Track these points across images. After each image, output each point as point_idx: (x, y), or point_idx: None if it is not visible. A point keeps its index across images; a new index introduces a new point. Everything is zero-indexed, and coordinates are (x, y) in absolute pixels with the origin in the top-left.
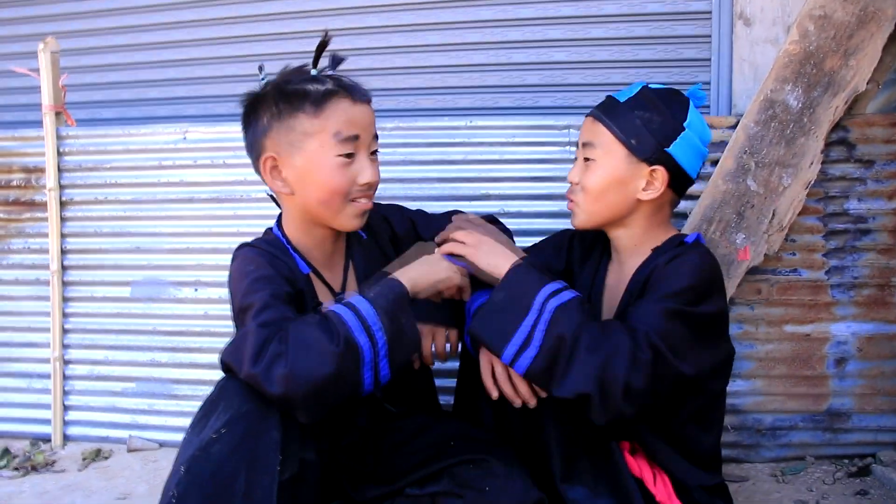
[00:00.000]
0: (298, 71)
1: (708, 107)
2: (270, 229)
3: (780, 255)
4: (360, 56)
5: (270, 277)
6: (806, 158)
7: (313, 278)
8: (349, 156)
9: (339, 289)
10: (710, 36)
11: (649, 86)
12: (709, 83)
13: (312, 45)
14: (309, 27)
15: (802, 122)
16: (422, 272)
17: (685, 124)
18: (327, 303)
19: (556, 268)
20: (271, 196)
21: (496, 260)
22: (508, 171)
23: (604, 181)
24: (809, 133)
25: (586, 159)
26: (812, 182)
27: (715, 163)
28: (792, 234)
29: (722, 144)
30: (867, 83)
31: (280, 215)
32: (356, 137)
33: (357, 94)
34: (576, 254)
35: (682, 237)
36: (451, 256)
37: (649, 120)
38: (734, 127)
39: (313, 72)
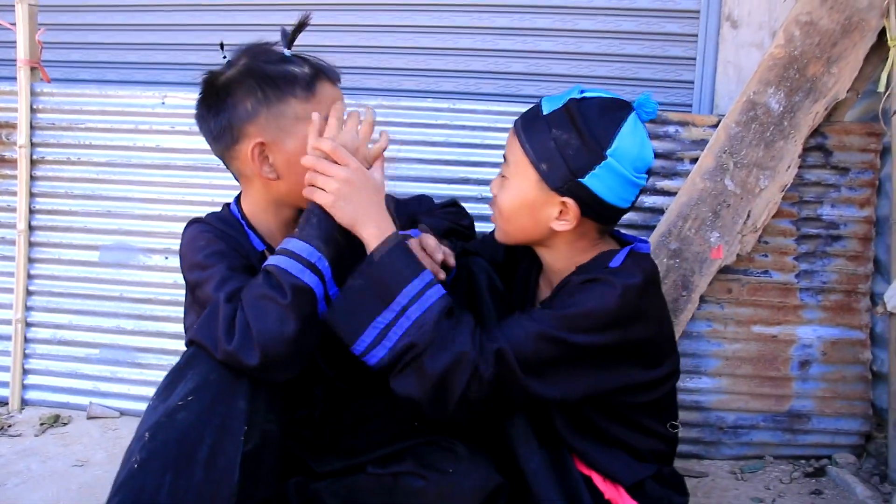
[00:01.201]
0: (267, 51)
1: (690, 105)
2: (228, 205)
3: (752, 255)
4: (345, 33)
5: (223, 251)
6: (784, 162)
7: (268, 256)
8: None
9: None
10: (696, 35)
11: (583, 94)
12: (692, 82)
13: (297, 18)
14: (295, 0)
15: (783, 125)
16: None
17: (608, 152)
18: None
19: (498, 259)
20: (235, 176)
21: (363, 219)
22: (489, 157)
23: (514, 203)
24: (789, 137)
25: (503, 175)
26: (788, 185)
27: (694, 160)
28: (765, 235)
29: (702, 143)
30: (847, 91)
31: (240, 193)
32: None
33: (334, 76)
34: (520, 248)
35: (611, 256)
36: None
37: (566, 143)
38: (715, 126)
39: (287, 52)
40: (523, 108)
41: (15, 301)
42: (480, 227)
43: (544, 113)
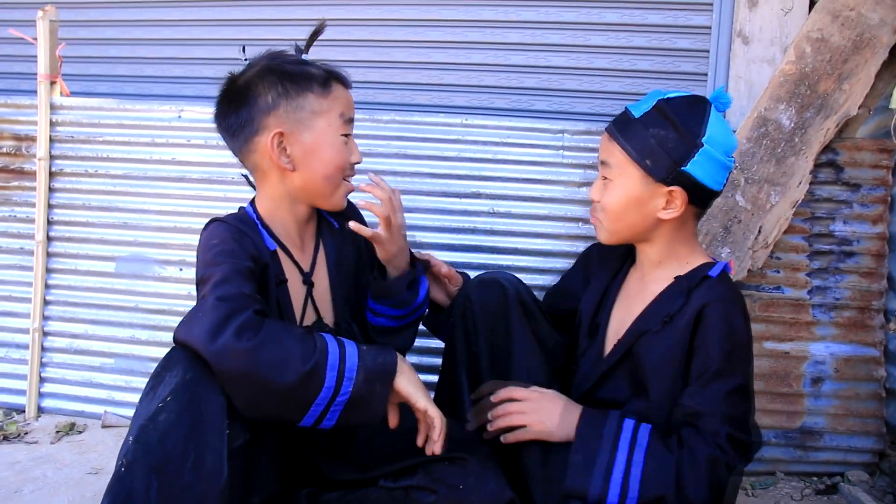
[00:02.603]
0: (285, 54)
1: None
2: (243, 208)
3: (763, 271)
4: (359, 47)
5: (233, 251)
6: (795, 178)
7: (281, 255)
8: (346, 136)
9: (307, 268)
10: (708, 51)
11: (667, 96)
12: None
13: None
14: (309, 15)
15: (794, 141)
16: (417, 383)
17: (703, 140)
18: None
19: (575, 290)
20: (246, 178)
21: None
22: (500, 171)
23: (621, 202)
24: (800, 153)
25: (604, 178)
26: (799, 201)
27: None
28: (777, 251)
29: None
30: (859, 108)
31: (254, 197)
32: (352, 120)
33: (347, 81)
34: (593, 260)
35: (708, 267)
36: None
37: (664, 139)
38: None
39: (304, 56)
40: (535, 123)
41: (32, 310)
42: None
43: (636, 116)
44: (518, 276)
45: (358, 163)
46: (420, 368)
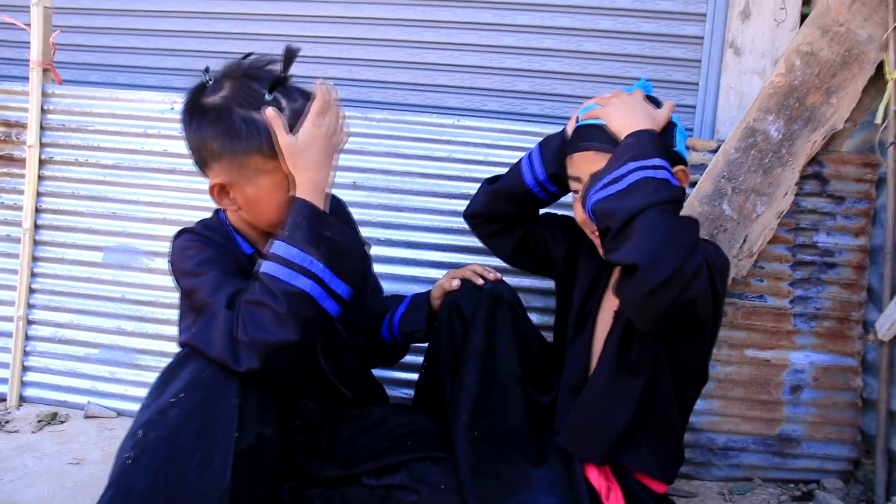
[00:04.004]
0: (249, 88)
1: (691, 129)
2: (218, 211)
3: (747, 280)
4: (353, 45)
5: (213, 258)
6: (781, 189)
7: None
8: None
9: None
10: (699, 61)
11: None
12: (694, 107)
13: (311, 29)
14: (306, 11)
15: (781, 153)
16: (313, 169)
17: (672, 119)
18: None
19: (557, 254)
20: None
21: (629, 121)
22: (491, 173)
23: None
24: (786, 164)
25: None
26: (784, 212)
27: (693, 184)
28: (761, 261)
29: (702, 167)
30: (845, 122)
31: None
32: None
33: None
34: (582, 250)
35: None
36: None
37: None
38: (715, 151)
39: (268, 97)
40: (527, 127)
41: (17, 298)
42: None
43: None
44: (505, 277)
45: None
46: (403, 367)
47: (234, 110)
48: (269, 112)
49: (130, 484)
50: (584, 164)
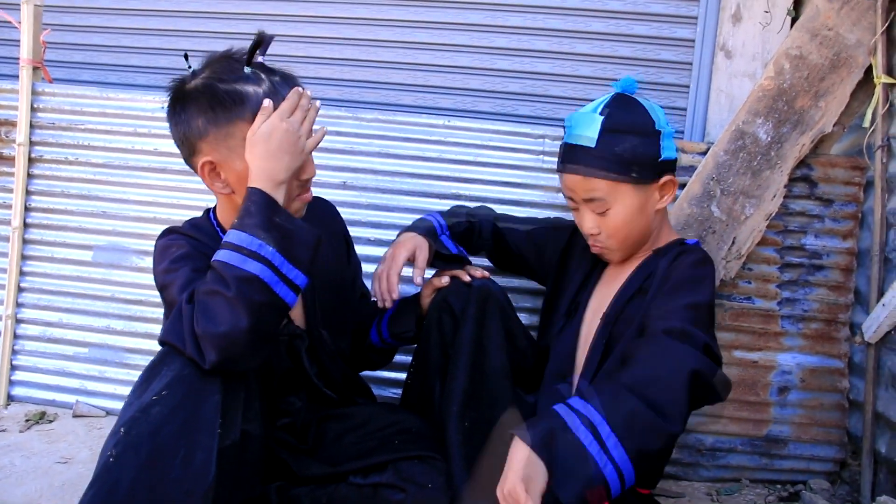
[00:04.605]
0: (229, 65)
1: (682, 132)
2: (208, 210)
3: (736, 282)
4: (345, 46)
5: (189, 255)
6: (769, 191)
7: None
8: None
9: None
10: (691, 64)
11: (596, 114)
12: (685, 109)
13: (303, 29)
14: (298, 11)
15: (770, 155)
16: (266, 158)
17: (658, 126)
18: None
19: (544, 251)
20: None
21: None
22: (481, 174)
23: (626, 219)
24: (775, 167)
25: (601, 213)
26: (773, 214)
27: (682, 186)
28: (749, 262)
29: (691, 169)
30: (834, 125)
31: (217, 205)
32: None
33: (292, 87)
34: (576, 249)
35: (683, 240)
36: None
37: (634, 148)
38: (704, 153)
39: (247, 69)
40: (518, 128)
41: (6, 297)
42: None
43: (594, 146)
44: (494, 277)
45: (311, 178)
46: (391, 366)
47: (216, 86)
48: (266, 101)
49: (114, 481)
50: (574, 185)
